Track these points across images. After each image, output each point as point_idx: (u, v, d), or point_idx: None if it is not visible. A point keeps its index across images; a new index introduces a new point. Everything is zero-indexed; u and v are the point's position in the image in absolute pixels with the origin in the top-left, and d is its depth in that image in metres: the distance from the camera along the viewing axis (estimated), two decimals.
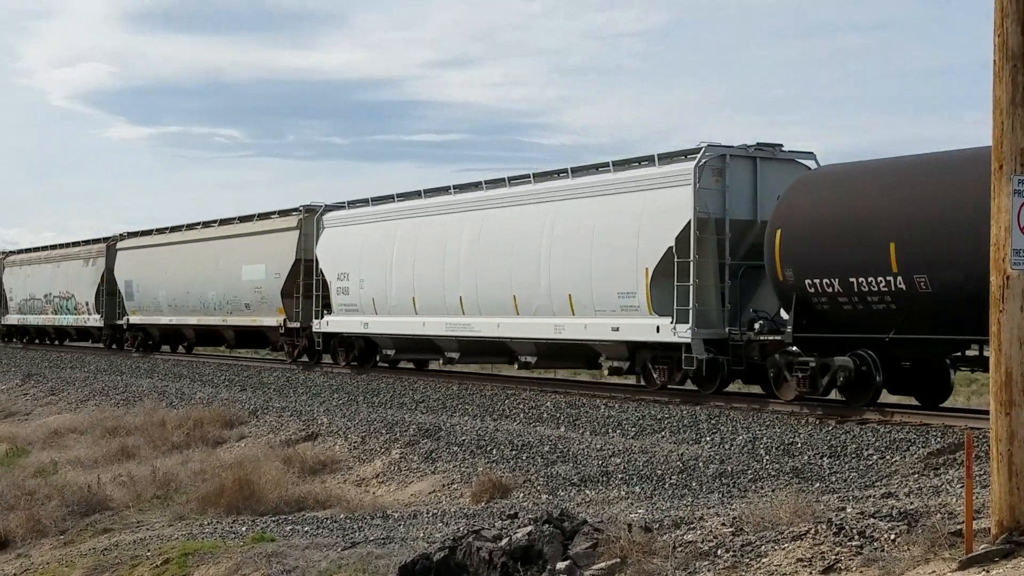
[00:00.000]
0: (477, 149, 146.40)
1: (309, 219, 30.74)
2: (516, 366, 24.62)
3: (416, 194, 27.36)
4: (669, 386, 20.46)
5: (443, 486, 16.25)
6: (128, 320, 41.15)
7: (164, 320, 38.89)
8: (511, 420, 19.59)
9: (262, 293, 32.44)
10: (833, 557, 8.92)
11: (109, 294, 42.53)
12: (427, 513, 14.35)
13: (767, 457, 14.89)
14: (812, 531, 9.44)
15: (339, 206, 30.14)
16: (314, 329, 29.72)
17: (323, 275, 29.45)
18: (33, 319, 50.23)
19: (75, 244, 47.11)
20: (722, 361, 19.22)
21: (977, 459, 11.91)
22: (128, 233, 42.89)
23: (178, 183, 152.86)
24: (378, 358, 28.46)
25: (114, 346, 43.38)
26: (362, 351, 28.67)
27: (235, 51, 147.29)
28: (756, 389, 20.60)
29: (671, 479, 14.35)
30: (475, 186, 25.60)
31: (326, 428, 20.70)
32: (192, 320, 36.99)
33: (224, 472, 17.13)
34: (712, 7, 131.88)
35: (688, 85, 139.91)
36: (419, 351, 27.64)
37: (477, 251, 24.33)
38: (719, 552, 9.54)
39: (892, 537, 9.05)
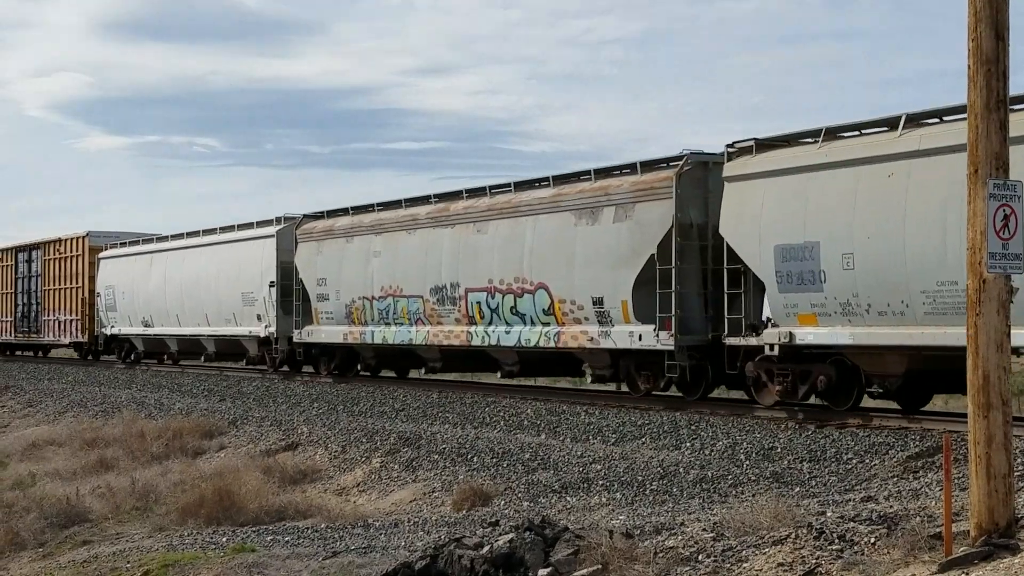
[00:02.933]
0: (456, 157, 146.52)
1: None
2: None
3: None
4: None
5: (424, 494, 16.24)
6: (792, 335, 17.35)
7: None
8: (491, 428, 19.59)
9: None
10: (814, 561, 8.94)
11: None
12: (408, 522, 14.32)
13: (747, 462, 14.92)
14: (792, 535, 9.46)
15: None
16: None
17: None
18: (400, 333, 25.67)
19: (568, 178, 22.12)
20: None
21: (956, 462, 11.98)
22: (778, 139, 18.40)
23: (156, 193, 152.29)
24: None
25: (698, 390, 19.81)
26: None
27: (213, 60, 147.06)
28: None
29: (652, 485, 14.37)
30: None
31: (306, 437, 20.66)
32: None
33: (204, 483, 17.08)
34: (691, 16, 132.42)
35: (667, 93, 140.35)
36: None
37: None
38: (700, 557, 9.56)
39: (872, 540, 9.08)
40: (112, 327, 39.92)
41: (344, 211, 28.82)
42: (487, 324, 23.11)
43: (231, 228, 33.56)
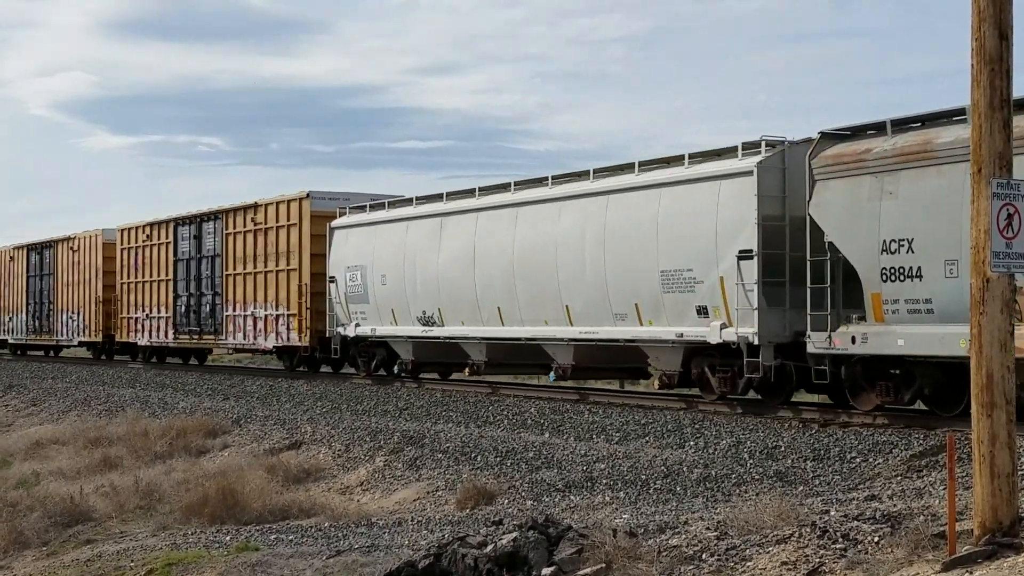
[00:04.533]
0: (461, 156, 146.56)
1: None
2: None
3: None
4: None
5: (428, 493, 16.25)
6: None
7: None
8: (495, 426, 19.60)
9: None
10: (817, 560, 8.95)
11: None
12: (412, 520, 14.34)
13: (751, 461, 14.92)
14: (796, 534, 9.46)
15: None
16: None
17: None
18: None
19: None
20: None
21: (959, 461, 11.97)
22: None
23: (160, 192, 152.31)
24: None
25: None
26: None
27: (218, 59, 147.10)
28: None
29: (655, 484, 14.37)
30: None
31: (310, 436, 20.66)
32: None
33: (207, 481, 17.10)
34: (695, 14, 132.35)
35: (671, 91, 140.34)
36: None
37: None
38: (704, 556, 9.56)
39: (876, 539, 9.08)
40: (357, 325, 26.64)
41: (957, 114, 15.40)
42: None
43: (628, 168, 20.49)
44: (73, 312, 42.19)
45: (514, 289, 22.26)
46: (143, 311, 37.28)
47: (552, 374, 22.17)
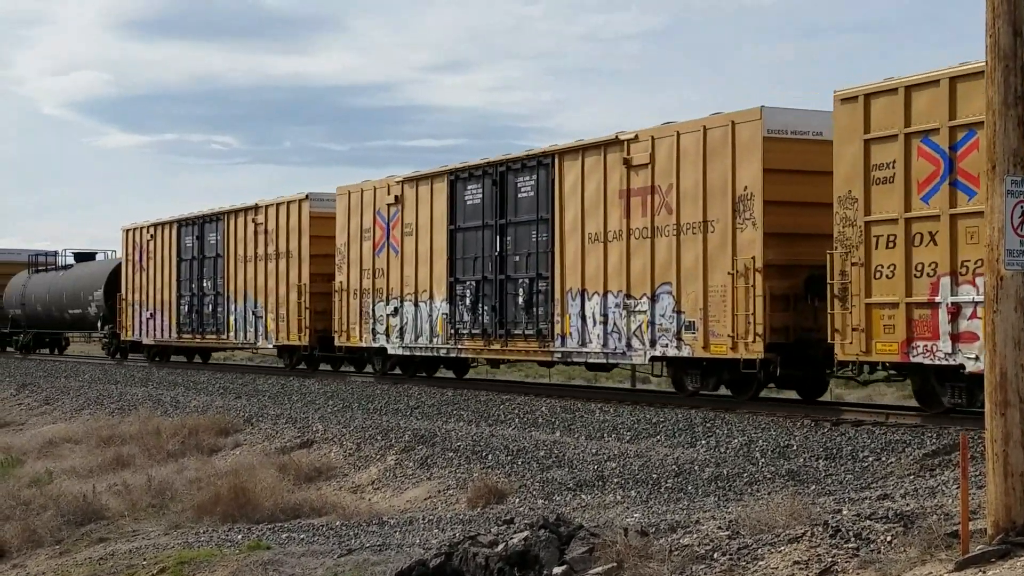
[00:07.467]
0: (475, 153, 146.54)
1: None
2: None
3: None
4: None
5: (439, 492, 16.24)
6: None
7: None
8: (506, 425, 19.58)
9: None
10: (830, 559, 8.92)
11: None
12: (423, 519, 14.33)
13: (763, 460, 14.88)
14: (808, 533, 9.43)
15: None
16: None
17: None
18: None
19: None
20: None
21: (972, 460, 11.92)
22: None
23: (173, 191, 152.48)
24: None
25: None
26: None
27: (231, 57, 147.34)
28: None
29: (667, 483, 14.34)
30: None
31: (321, 435, 20.68)
32: None
33: (219, 480, 17.11)
34: (709, 9, 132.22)
35: (685, 87, 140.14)
36: None
37: None
38: (715, 555, 9.54)
39: (888, 539, 9.05)
40: None
41: None
42: None
43: None
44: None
45: None
46: None
47: None
